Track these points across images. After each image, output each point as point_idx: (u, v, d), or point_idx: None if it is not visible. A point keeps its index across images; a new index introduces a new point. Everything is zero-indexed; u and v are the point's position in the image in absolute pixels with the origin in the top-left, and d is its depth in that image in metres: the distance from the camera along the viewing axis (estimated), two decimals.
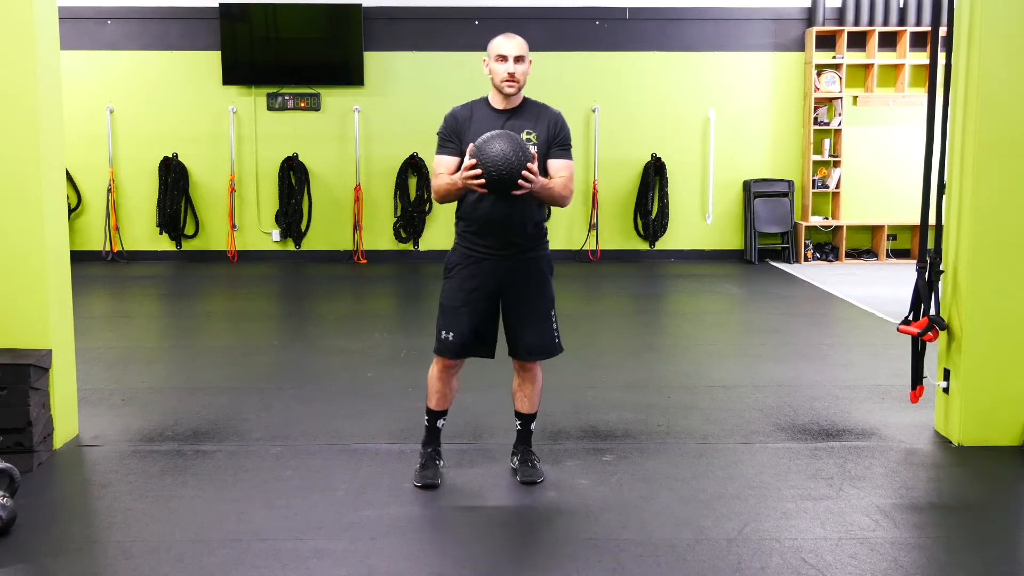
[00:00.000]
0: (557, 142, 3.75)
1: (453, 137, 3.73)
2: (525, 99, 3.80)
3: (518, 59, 3.66)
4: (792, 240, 10.71)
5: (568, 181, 3.71)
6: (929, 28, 10.24)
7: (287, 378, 5.67)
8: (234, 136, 10.61)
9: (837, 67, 10.54)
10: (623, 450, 4.33)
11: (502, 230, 3.72)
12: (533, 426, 4.03)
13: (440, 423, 4.00)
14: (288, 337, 7.22)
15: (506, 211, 3.69)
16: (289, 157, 10.59)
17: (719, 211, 10.88)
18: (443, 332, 3.81)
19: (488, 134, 3.49)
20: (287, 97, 10.59)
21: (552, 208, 10.61)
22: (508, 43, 3.67)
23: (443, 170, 3.69)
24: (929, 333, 4.43)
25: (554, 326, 3.87)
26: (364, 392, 5.33)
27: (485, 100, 3.77)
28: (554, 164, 3.73)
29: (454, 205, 3.85)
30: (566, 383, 5.41)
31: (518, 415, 4.01)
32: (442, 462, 4.01)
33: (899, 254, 10.80)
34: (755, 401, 5.11)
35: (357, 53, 10.41)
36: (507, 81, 3.66)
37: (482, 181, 3.43)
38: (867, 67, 10.63)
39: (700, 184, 10.86)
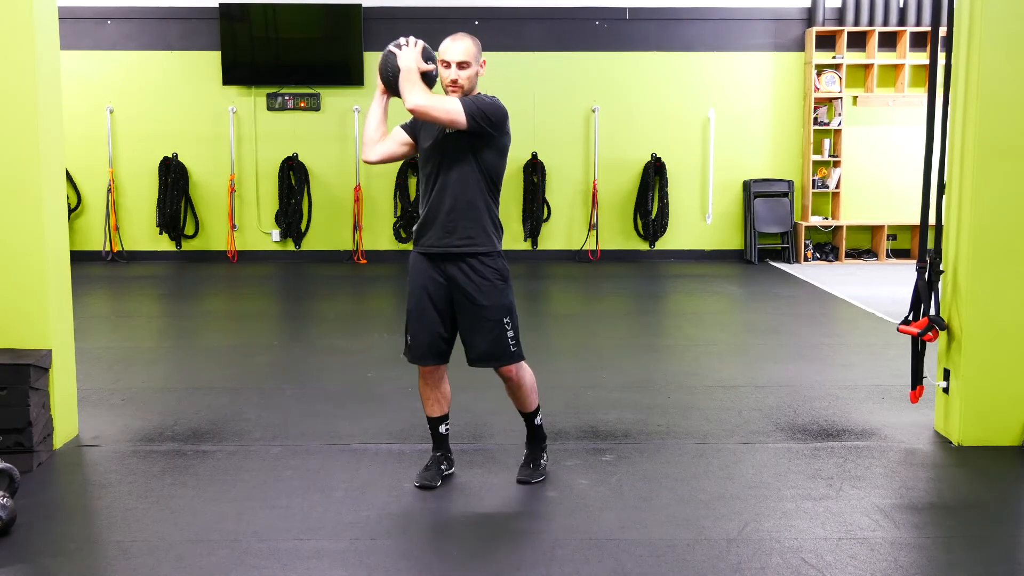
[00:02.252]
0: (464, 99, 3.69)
1: (411, 123, 3.83)
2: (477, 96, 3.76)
3: (461, 65, 3.64)
4: (792, 240, 10.71)
5: (441, 99, 3.59)
6: (929, 28, 10.24)
7: (287, 378, 5.66)
8: (234, 136, 10.61)
9: (837, 67, 10.54)
10: (623, 450, 4.33)
11: (440, 223, 3.70)
12: (538, 420, 3.99)
13: (442, 429, 3.98)
14: (288, 337, 7.22)
15: (444, 204, 3.69)
16: (289, 157, 10.59)
17: (719, 211, 10.88)
18: (407, 336, 3.84)
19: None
20: (287, 97, 10.59)
21: (551, 209, 10.66)
22: (452, 48, 3.65)
23: (391, 134, 3.83)
24: (929, 333, 4.43)
25: (508, 332, 3.76)
26: (364, 392, 5.33)
27: None
28: None
29: None
30: (566, 383, 5.42)
31: (519, 412, 4.01)
32: (447, 467, 3.98)
33: (899, 254, 10.81)
34: (755, 401, 5.11)
35: (357, 53, 10.41)
36: (450, 86, 3.67)
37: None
38: (867, 67, 10.63)
39: (700, 184, 10.86)
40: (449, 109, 3.57)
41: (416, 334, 3.80)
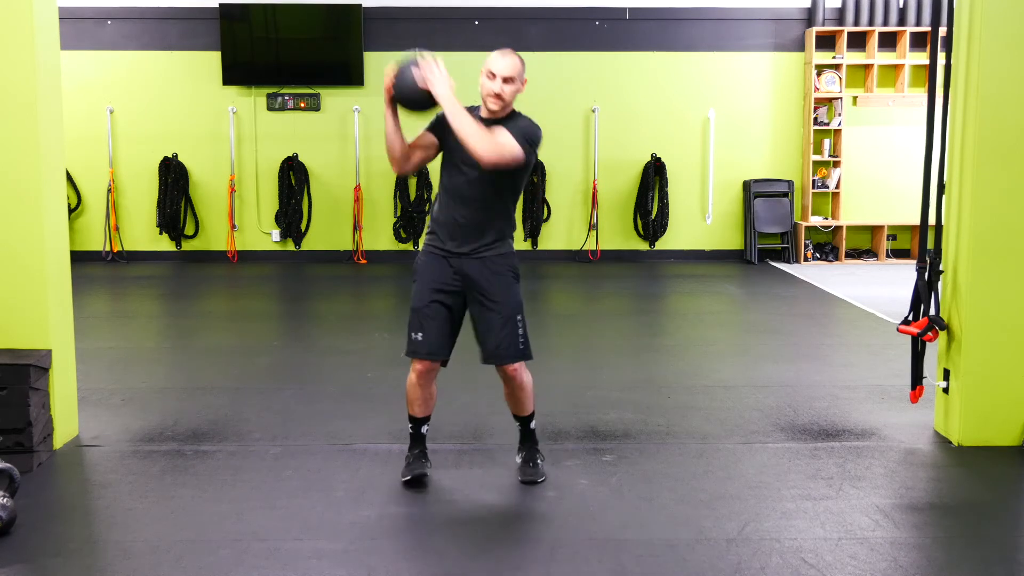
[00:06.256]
0: (512, 128, 3.67)
1: (437, 124, 3.81)
2: (512, 112, 3.78)
3: (507, 80, 3.65)
4: (792, 240, 10.71)
5: (494, 139, 3.55)
6: (929, 28, 10.24)
7: (287, 378, 5.66)
8: (234, 136, 10.61)
9: (837, 67, 10.54)
10: (623, 450, 4.33)
11: (464, 232, 3.74)
12: (533, 424, 4.02)
13: (424, 428, 3.99)
14: (288, 337, 7.22)
15: (472, 216, 3.72)
16: (289, 157, 10.59)
17: (719, 211, 10.88)
18: (412, 333, 3.82)
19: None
20: (287, 97, 10.59)
21: (551, 209, 10.66)
22: (500, 62, 3.66)
23: (418, 139, 3.81)
24: (929, 333, 4.43)
25: (520, 330, 3.81)
26: (364, 392, 5.33)
27: (479, 107, 3.79)
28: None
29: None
30: (566, 383, 5.41)
31: (515, 417, 4.02)
32: (429, 463, 3.99)
33: (899, 254, 10.81)
34: (755, 401, 5.11)
35: (357, 53, 10.41)
36: (491, 97, 3.67)
37: (391, 82, 3.64)
38: (867, 67, 10.63)
39: (700, 184, 10.86)
40: (516, 156, 3.59)
41: (427, 330, 3.78)
